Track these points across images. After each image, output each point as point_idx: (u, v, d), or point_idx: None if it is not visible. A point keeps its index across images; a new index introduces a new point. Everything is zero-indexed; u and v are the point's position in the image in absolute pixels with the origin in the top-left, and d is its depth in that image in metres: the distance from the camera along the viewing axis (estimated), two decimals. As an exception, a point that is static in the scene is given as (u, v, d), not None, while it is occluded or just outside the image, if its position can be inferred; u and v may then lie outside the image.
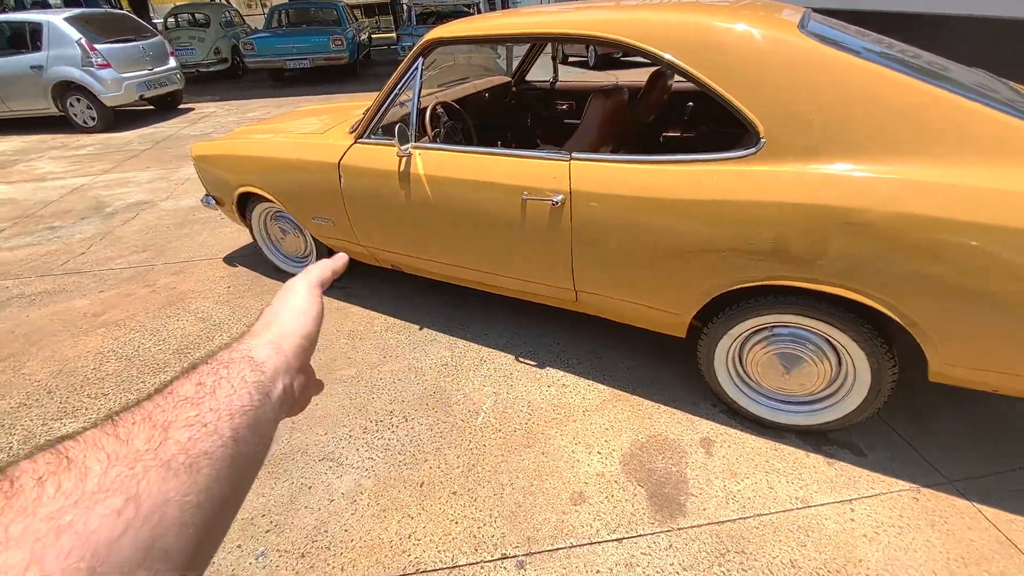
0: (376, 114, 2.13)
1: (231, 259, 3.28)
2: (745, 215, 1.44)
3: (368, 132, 2.17)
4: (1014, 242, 1.18)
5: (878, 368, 1.52)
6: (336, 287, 2.86)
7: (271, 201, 2.60)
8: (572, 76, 3.44)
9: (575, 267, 1.84)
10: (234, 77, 11.54)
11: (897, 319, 1.39)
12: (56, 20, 6.42)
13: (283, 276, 2.99)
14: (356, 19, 12.72)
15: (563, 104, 3.19)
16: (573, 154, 1.73)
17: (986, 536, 1.44)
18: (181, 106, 8.64)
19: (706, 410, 1.91)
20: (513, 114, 3.32)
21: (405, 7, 10.63)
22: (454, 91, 2.83)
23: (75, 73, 6.51)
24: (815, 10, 1.89)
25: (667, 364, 2.14)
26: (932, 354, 1.41)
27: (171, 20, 11.33)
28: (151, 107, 8.35)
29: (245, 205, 2.81)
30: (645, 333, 2.00)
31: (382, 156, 2.11)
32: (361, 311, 2.65)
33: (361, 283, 2.88)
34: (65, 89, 6.73)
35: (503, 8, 11.82)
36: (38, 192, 4.82)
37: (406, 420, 1.95)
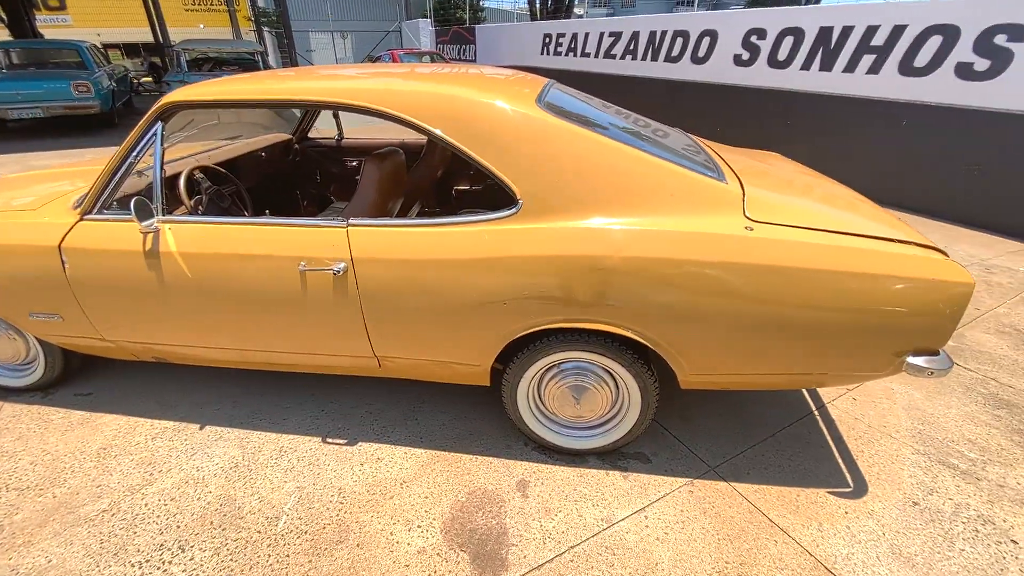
0: (107, 186, 1.79)
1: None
2: (514, 269, 1.56)
3: (98, 206, 1.81)
4: (713, 268, 1.48)
5: (644, 386, 1.75)
6: (76, 396, 2.28)
7: (-41, 300, 1.98)
8: (358, 132, 3.42)
9: (370, 334, 1.77)
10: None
11: (647, 343, 1.62)
12: None
13: (2, 393, 2.28)
14: (108, 61, 10.90)
15: (353, 161, 3.13)
16: (351, 220, 1.67)
17: (741, 510, 1.74)
18: None
19: (519, 451, 1.98)
20: (299, 172, 3.14)
21: (175, 52, 9.45)
22: (221, 152, 2.56)
23: None
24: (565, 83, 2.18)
25: (479, 413, 2.17)
26: (678, 368, 1.68)
27: None
28: None
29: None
30: (457, 386, 2.01)
31: (120, 234, 1.77)
32: (116, 419, 2.14)
33: (112, 384, 2.35)
34: None
35: (291, 57, 11.30)
36: None
37: (183, 550, 1.60)
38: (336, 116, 3.16)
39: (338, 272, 1.63)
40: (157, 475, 1.87)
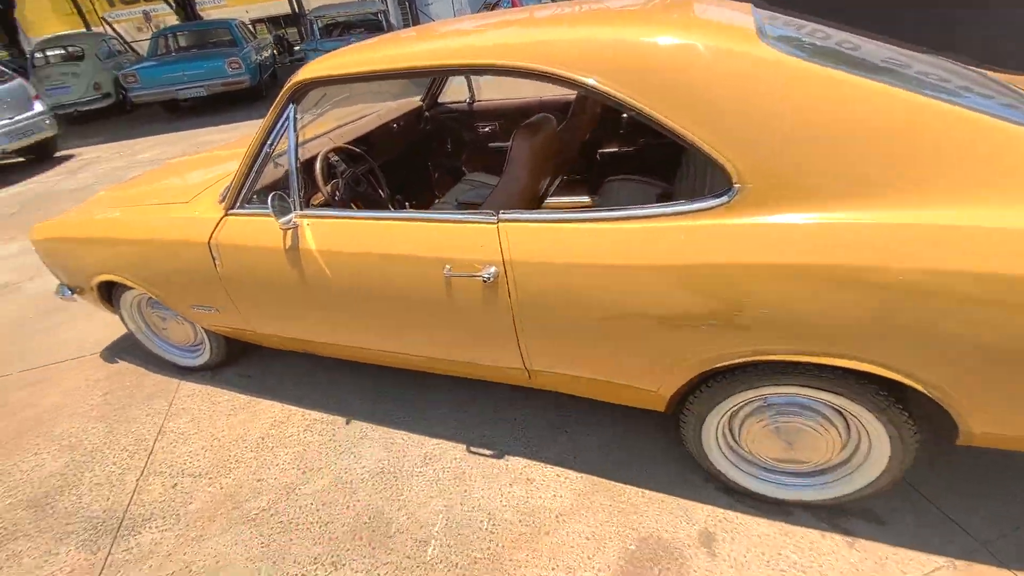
0: (246, 179, 1.68)
1: (112, 352, 2.70)
2: (726, 282, 1.13)
3: (239, 201, 1.72)
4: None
5: (899, 437, 1.25)
6: (239, 376, 2.37)
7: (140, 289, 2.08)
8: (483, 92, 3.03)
9: (522, 346, 1.48)
10: (123, 112, 10.38)
11: (920, 386, 1.12)
12: None
13: (176, 371, 2.46)
14: (255, 36, 11.77)
15: (486, 126, 2.83)
16: (501, 214, 1.36)
17: (1047, 623, 1.21)
18: (59, 154, 7.61)
19: (698, 488, 1.61)
20: (430, 142, 2.92)
21: (308, 20, 9.88)
22: (354, 128, 2.40)
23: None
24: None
25: (645, 431, 1.83)
26: (963, 420, 1.15)
27: (39, 56, 10.02)
28: (21, 159, 7.29)
29: (111, 292, 2.26)
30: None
31: (262, 230, 1.67)
32: (272, 406, 2.17)
33: (269, 368, 2.40)
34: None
35: (412, 13, 11.20)
36: None
37: (336, 568, 1.52)
38: (468, 77, 2.85)
39: (488, 279, 1.34)
40: (310, 474, 1.84)
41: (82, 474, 1.97)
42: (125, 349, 2.70)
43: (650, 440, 1.79)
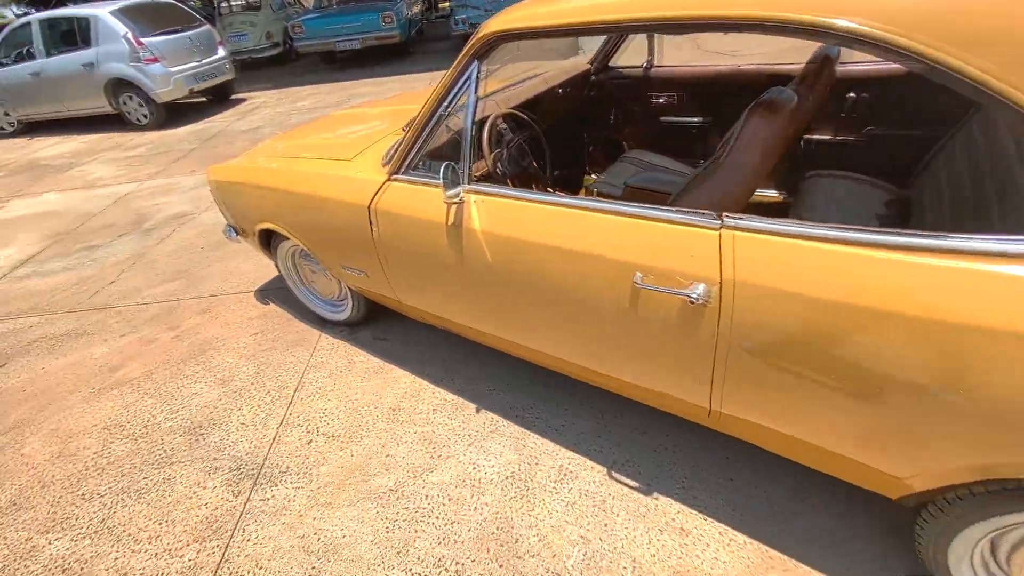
0: (415, 143, 1.53)
1: (264, 294, 2.85)
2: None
3: (405, 166, 1.58)
4: None
5: None
6: (375, 338, 2.35)
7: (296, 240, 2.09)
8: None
9: (717, 386, 1.20)
10: (287, 62, 11.28)
11: None
12: (103, 14, 6.23)
13: (317, 322, 2.51)
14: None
15: (660, 96, 2.45)
16: (726, 218, 1.05)
17: None
18: (234, 96, 8.44)
19: (916, 599, 1.24)
20: (591, 111, 2.62)
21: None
22: (521, 91, 2.17)
23: (125, 70, 6.34)
24: None
25: (844, 497, 1.46)
26: None
27: (224, 5, 11.15)
28: (204, 99, 8.20)
29: (270, 239, 2.33)
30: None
31: (424, 200, 1.53)
32: (405, 376, 2.12)
33: (405, 335, 2.35)
34: (118, 86, 6.60)
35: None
36: (85, 203, 4.65)
37: (460, 578, 1.40)
38: (651, 37, 2.47)
39: (696, 300, 1.06)
40: (438, 461, 1.74)
41: (231, 411, 2.07)
42: (276, 293, 2.83)
43: (853, 511, 1.43)
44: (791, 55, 2.21)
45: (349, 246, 1.84)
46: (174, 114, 7.31)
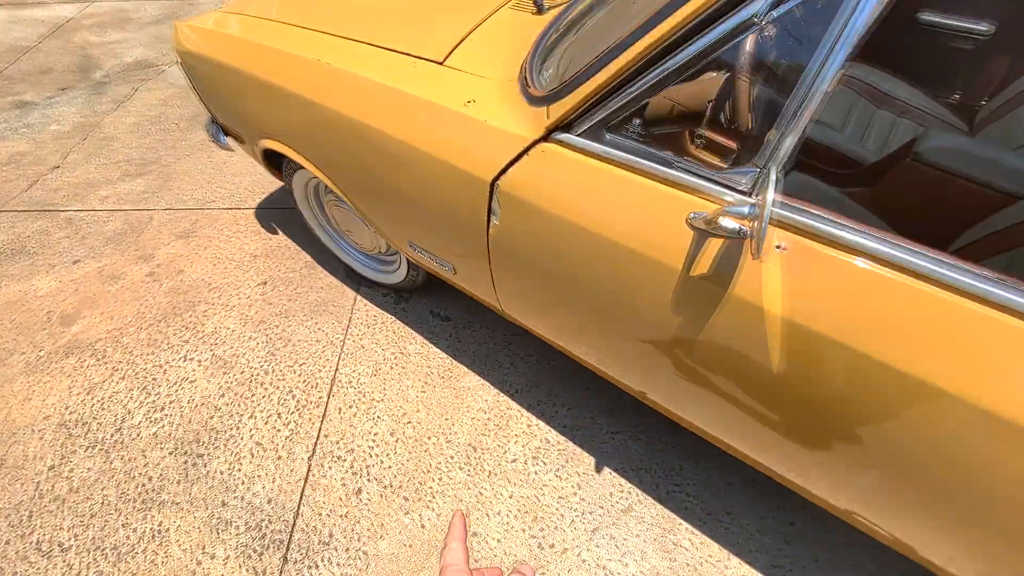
0: (623, 89, 0.71)
1: (268, 215, 2.08)
2: None
3: (595, 120, 0.77)
4: None
5: None
6: (434, 316, 1.69)
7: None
8: None
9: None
10: None
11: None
12: None
13: (347, 270, 1.80)
14: None
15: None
16: None
17: None
18: None
19: None
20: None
21: None
22: None
23: None
24: None
25: None
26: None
27: None
28: None
29: (281, 159, 1.52)
30: None
31: (634, 207, 0.76)
32: (481, 387, 1.51)
33: (472, 316, 1.68)
34: None
35: None
36: (12, 29, 3.47)
37: None
38: None
39: None
40: (547, 554, 1.21)
41: (240, 419, 1.47)
42: (288, 217, 2.06)
43: None
44: None
45: (433, 229, 1.08)
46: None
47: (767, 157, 0.63)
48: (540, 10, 1.08)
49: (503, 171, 0.86)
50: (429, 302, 1.74)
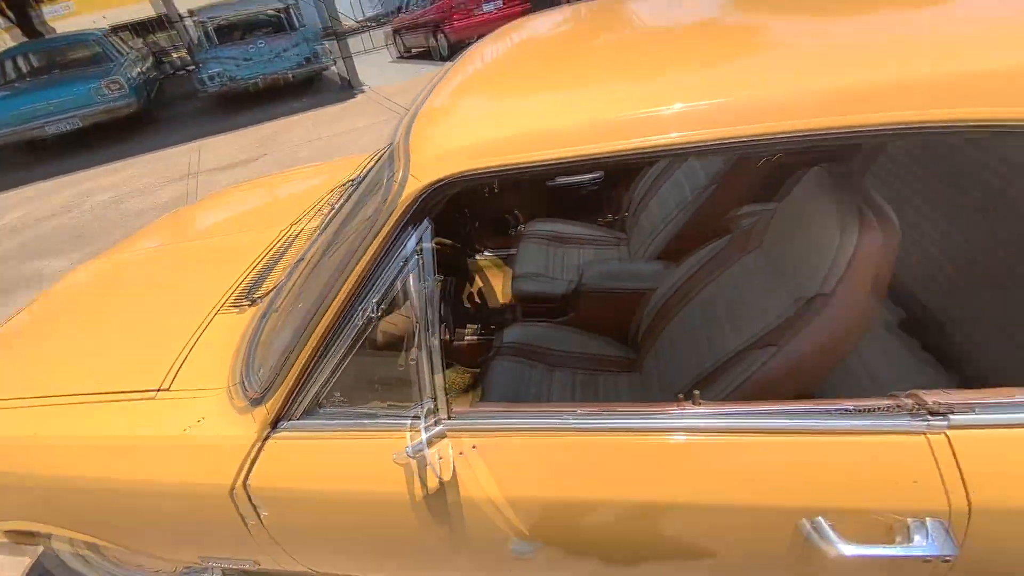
0: (308, 375, 0.85)
1: None
2: None
3: (296, 408, 0.88)
4: None
5: None
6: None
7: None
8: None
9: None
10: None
11: None
12: None
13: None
14: (126, 46, 9.73)
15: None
16: (955, 409, 0.67)
17: None
18: None
19: None
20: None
21: (192, 23, 8.23)
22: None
23: None
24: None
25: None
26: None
27: None
28: None
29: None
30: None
31: (357, 463, 0.86)
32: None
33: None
34: None
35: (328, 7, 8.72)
36: None
37: None
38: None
39: (934, 559, 0.66)
40: None
41: None
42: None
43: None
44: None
45: (216, 541, 1.04)
46: None
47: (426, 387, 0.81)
48: (253, 303, 1.22)
49: (249, 472, 0.91)
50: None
